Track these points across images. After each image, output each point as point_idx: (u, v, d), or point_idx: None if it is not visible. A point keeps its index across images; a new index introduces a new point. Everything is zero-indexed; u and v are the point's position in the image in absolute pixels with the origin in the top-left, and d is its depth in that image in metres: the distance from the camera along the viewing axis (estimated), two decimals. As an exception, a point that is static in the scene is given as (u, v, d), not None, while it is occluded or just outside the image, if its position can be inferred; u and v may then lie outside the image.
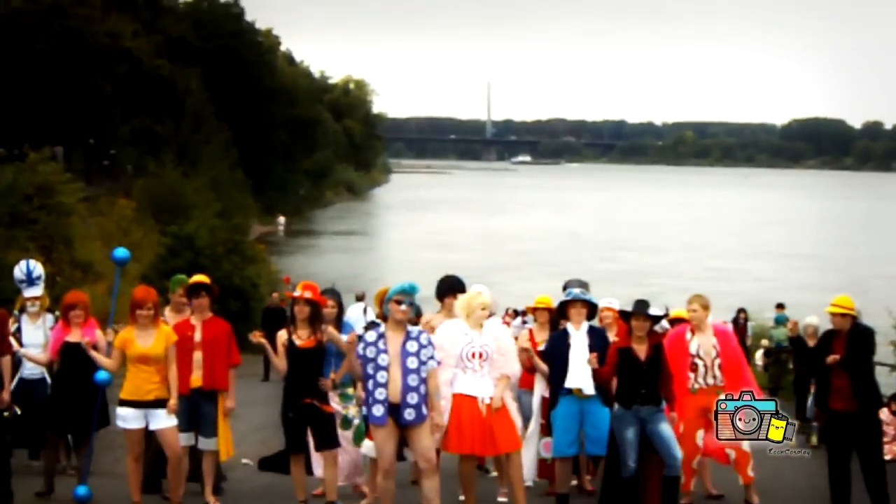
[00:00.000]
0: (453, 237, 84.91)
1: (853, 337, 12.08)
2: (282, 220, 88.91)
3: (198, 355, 12.04)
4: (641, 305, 11.59)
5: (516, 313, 30.39)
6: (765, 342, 28.81)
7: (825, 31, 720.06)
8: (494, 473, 12.86)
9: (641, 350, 11.45)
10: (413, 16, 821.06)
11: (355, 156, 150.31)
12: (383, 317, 11.30)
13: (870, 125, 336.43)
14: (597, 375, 11.52)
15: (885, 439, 15.93)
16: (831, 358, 12.00)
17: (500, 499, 12.15)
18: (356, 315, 18.63)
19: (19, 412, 13.21)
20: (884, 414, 16.86)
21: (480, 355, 11.19)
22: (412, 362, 10.56)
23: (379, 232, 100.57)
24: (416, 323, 11.59)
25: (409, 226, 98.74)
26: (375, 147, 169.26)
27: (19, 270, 13.76)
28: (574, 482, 12.87)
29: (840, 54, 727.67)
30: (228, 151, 75.95)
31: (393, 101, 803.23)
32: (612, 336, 12.58)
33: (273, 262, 51.07)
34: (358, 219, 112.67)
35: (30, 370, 13.60)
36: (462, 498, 11.54)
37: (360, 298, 28.29)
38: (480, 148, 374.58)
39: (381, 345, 10.61)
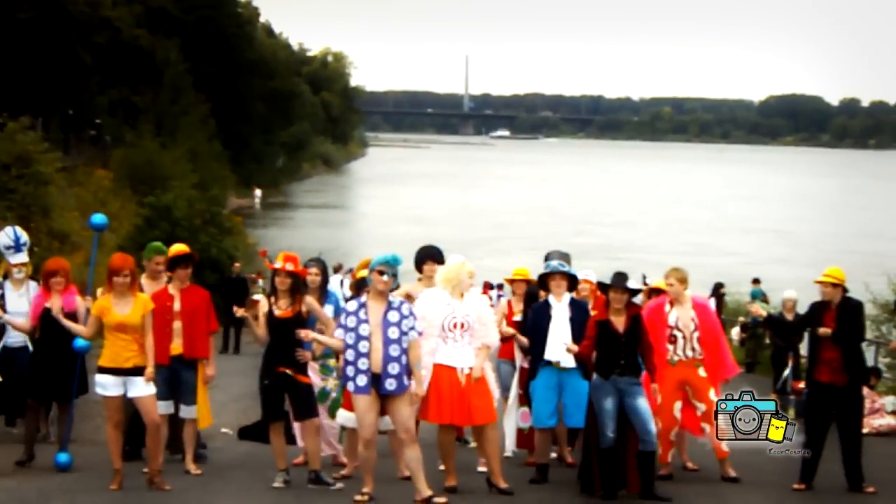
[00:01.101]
0: (429, 211, 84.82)
1: (844, 310, 12.08)
2: (258, 192, 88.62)
3: (177, 324, 12.08)
4: (619, 278, 11.63)
5: (491, 286, 30.44)
6: (742, 318, 28.91)
7: (804, 8, 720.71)
8: (474, 444, 12.91)
9: (620, 322, 11.48)
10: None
11: (332, 129, 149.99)
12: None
13: (847, 102, 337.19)
14: (577, 354, 11.57)
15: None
16: (823, 330, 12.00)
17: (480, 468, 12.16)
18: (334, 286, 18.69)
19: (0, 379, 13.20)
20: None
21: (462, 325, 11.22)
22: (393, 332, 10.60)
23: (355, 205, 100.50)
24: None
25: (386, 199, 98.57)
26: (353, 120, 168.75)
27: (6, 236, 13.66)
28: (554, 453, 12.95)
29: (819, 30, 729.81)
30: (206, 123, 75.65)
31: (371, 74, 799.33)
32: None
33: (249, 234, 50.98)
34: (334, 192, 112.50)
35: (13, 338, 13.55)
36: (442, 468, 11.58)
37: (336, 270, 28.52)
38: (458, 122, 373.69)
39: (362, 314, 10.64)
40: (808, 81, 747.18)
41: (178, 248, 12.57)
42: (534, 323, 12.16)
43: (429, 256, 12.57)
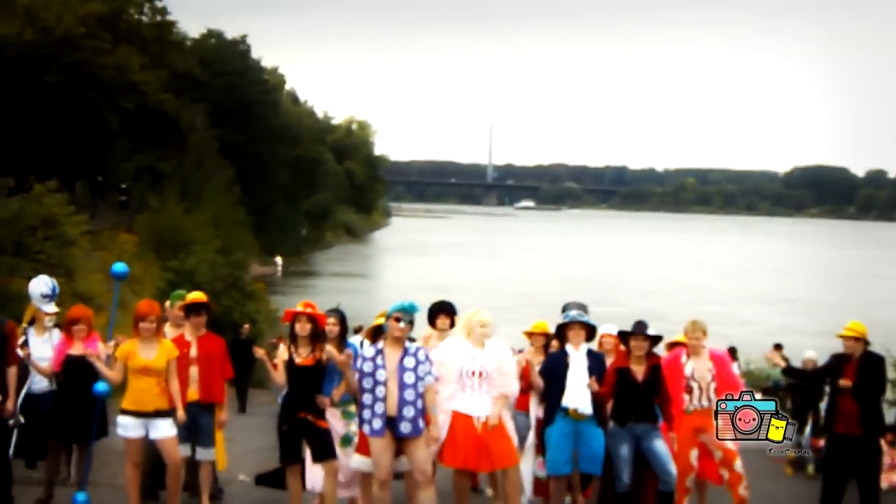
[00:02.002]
0: (451, 280, 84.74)
1: (865, 363, 12.20)
2: (279, 260, 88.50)
3: (194, 370, 12.28)
4: (640, 326, 11.77)
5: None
6: (762, 386, 28.82)
7: (830, 79, 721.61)
8: (490, 493, 12.95)
9: (639, 371, 11.60)
10: (416, 59, 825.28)
11: (356, 198, 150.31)
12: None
13: (873, 174, 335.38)
14: (596, 397, 11.64)
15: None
16: (843, 382, 12.11)
17: (495, 517, 12.23)
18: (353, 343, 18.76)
19: (23, 421, 13.35)
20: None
21: (480, 374, 11.30)
22: (409, 377, 10.74)
23: (377, 274, 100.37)
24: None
25: (408, 269, 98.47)
26: (376, 189, 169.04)
27: (44, 285, 13.78)
28: (568, 500, 12.97)
29: (844, 101, 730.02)
30: (230, 189, 76.02)
31: (395, 143, 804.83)
32: (610, 362, 12.66)
33: (271, 301, 51.10)
34: (357, 261, 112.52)
35: (37, 384, 13.73)
36: (457, 513, 11.62)
37: (356, 331, 28.57)
38: (481, 192, 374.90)
39: (378, 360, 10.80)
40: (833, 153, 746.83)
41: (194, 295, 12.81)
42: (550, 371, 12.22)
43: (441, 310, 12.79)
